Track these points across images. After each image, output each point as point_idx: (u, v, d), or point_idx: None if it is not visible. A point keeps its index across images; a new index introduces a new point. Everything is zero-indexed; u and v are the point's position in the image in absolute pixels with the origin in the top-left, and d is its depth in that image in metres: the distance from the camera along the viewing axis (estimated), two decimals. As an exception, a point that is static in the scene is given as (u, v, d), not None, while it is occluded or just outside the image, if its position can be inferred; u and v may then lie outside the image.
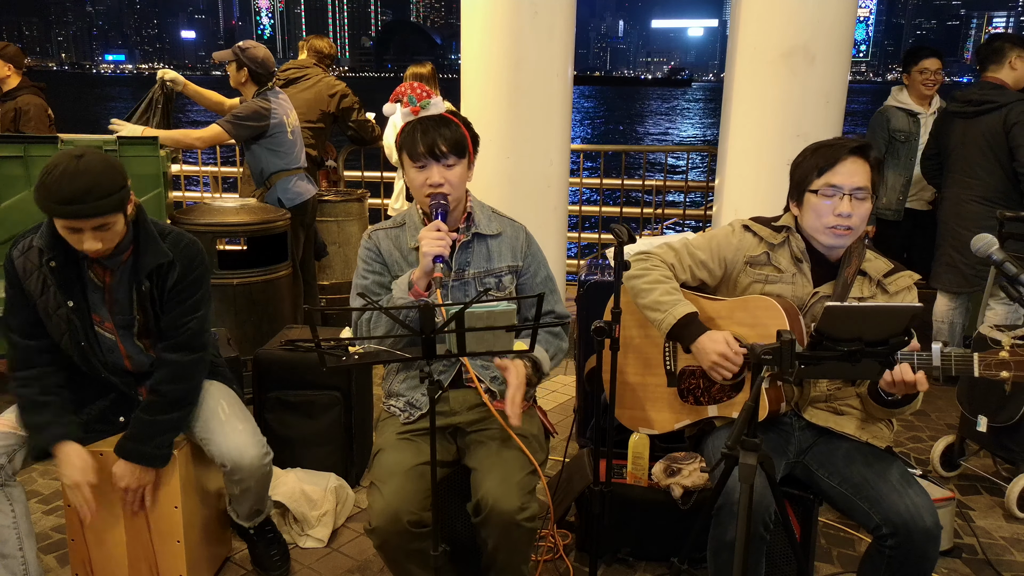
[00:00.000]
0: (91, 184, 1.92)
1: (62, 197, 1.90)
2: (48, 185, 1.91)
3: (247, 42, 4.05)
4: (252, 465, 2.22)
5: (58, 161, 1.94)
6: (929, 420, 3.73)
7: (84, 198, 1.91)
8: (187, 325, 2.16)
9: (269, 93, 3.96)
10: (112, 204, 1.96)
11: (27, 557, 2.10)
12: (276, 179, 4.04)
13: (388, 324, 1.99)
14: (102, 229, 1.99)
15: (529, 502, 1.93)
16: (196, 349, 2.19)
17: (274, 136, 3.96)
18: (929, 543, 1.83)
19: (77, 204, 1.91)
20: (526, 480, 1.96)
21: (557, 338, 2.23)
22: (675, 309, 2.04)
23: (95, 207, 1.93)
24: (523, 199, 4.09)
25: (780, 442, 2.08)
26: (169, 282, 2.14)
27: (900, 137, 4.24)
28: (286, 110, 4.03)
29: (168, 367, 2.16)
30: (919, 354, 1.78)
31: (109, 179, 1.95)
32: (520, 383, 1.99)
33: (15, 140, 3.63)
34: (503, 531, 1.92)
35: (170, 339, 2.17)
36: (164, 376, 2.15)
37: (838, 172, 1.98)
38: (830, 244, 2.03)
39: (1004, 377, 1.73)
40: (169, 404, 2.15)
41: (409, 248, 2.12)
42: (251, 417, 2.33)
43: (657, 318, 2.07)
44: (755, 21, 3.73)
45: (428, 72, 4.80)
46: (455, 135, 2.03)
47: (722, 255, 2.14)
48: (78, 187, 1.90)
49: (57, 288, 2.08)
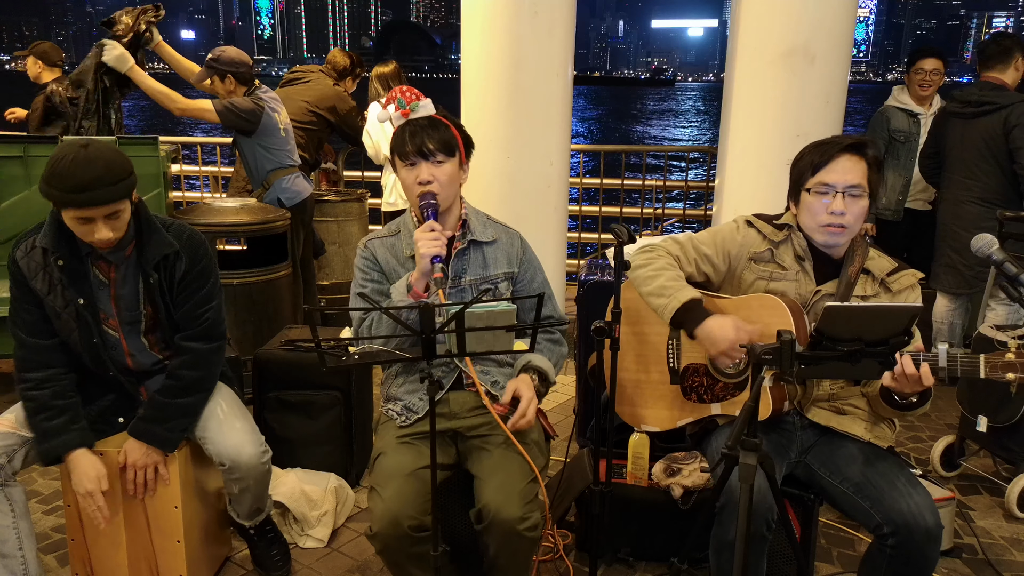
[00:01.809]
0: (103, 171, 1.92)
1: (75, 184, 1.90)
2: (60, 174, 1.90)
3: (215, 51, 3.95)
4: (250, 463, 2.22)
5: (65, 151, 1.93)
6: (929, 420, 3.73)
7: (97, 184, 1.91)
8: (205, 316, 2.19)
9: (259, 91, 3.94)
10: (124, 189, 1.97)
11: (27, 557, 2.10)
12: (274, 178, 4.03)
13: (389, 330, 1.99)
14: (113, 217, 1.99)
15: (531, 511, 1.93)
16: (215, 338, 2.23)
17: (266, 134, 3.94)
18: (930, 543, 1.83)
19: (91, 191, 1.91)
20: (528, 489, 1.96)
21: (557, 344, 2.24)
22: (680, 294, 2.03)
23: (109, 192, 1.93)
24: (523, 199, 4.09)
25: (782, 442, 2.08)
26: (178, 273, 2.14)
27: (900, 137, 4.24)
28: (276, 107, 4.02)
29: (188, 354, 2.19)
30: (925, 354, 1.77)
31: (119, 165, 1.97)
32: (531, 396, 2.02)
33: (15, 140, 3.63)
34: (505, 540, 1.93)
35: (189, 330, 2.19)
36: (183, 362, 2.18)
37: (832, 170, 1.98)
38: (824, 242, 2.03)
39: (1010, 379, 1.72)
40: (185, 388, 2.17)
41: (405, 256, 2.13)
42: (249, 416, 2.33)
43: (661, 303, 2.05)
44: (755, 21, 3.73)
45: (392, 71, 4.81)
46: (443, 134, 2.05)
47: (726, 250, 2.14)
48: (90, 174, 1.90)
49: (67, 286, 2.08)
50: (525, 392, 2.03)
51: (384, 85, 4.77)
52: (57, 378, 2.13)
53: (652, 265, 2.11)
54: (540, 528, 1.97)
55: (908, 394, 1.85)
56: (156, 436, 2.13)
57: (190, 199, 6.30)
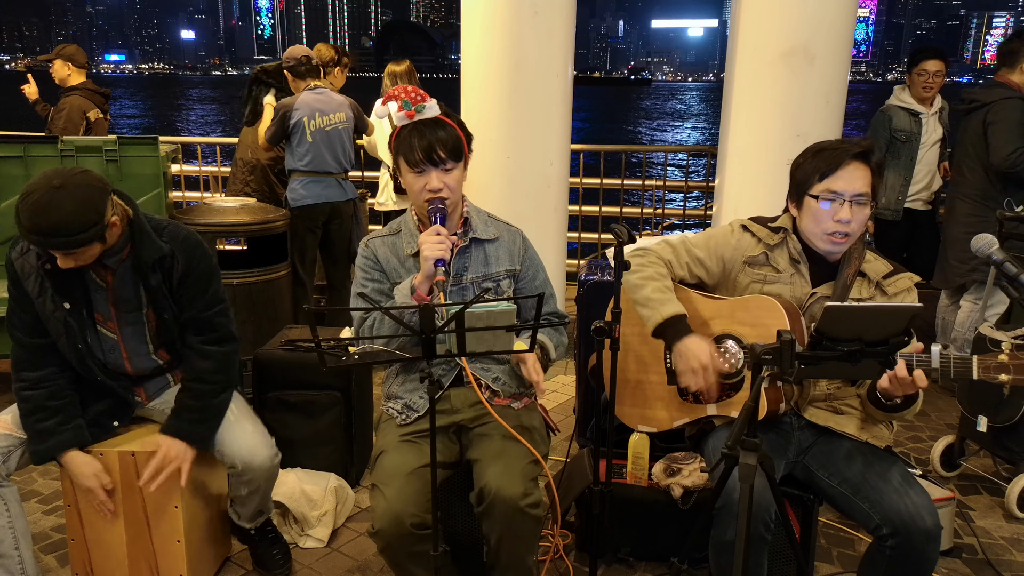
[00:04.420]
0: (61, 222, 1.86)
1: (32, 227, 1.87)
2: (22, 211, 1.87)
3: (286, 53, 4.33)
4: (263, 466, 2.23)
5: (36, 187, 1.88)
6: (929, 420, 3.73)
7: (55, 232, 1.87)
8: (218, 320, 2.22)
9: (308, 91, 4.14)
10: (81, 240, 1.91)
11: (24, 556, 2.10)
12: (292, 177, 4.18)
13: (391, 331, 1.98)
14: (72, 255, 1.96)
15: (532, 489, 1.92)
16: (232, 339, 2.27)
17: (294, 135, 4.11)
18: (929, 543, 1.83)
19: (44, 237, 1.88)
20: (529, 468, 1.96)
21: (558, 332, 2.25)
22: (664, 308, 2.03)
23: (66, 241, 1.89)
24: (523, 199, 4.09)
25: (780, 442, 2.08)
26: (176, 275, 2.14)
27: (901, 137, 4.25)
28: (312, 111, 4.08)
29: (212, 359, 2.21)
30: (919, 356, 1.77)
31: (81, 217, 1.88)
32: (535, 360, 2.04)
33: (15, 140, 3.64)
34: (507, 520, 1.91)
35: (207, 334, 2.21)
36: (210, 367, 2.21)
37: (840, 177, 1.97)
38: (827, 250, 2.03)
39: (1003, 380, 1.72)
40: (219, 389, 2.22)
41: (406, 255, 2.12)
42: (258, 419, 2.34)
43: (645, 314, 2.07)
44: (755, 21, 3.73)
45: (404, 70, 4.83)
46: (452, 139, 2.02)
47: (720, 254, 2.14)
48: (48, 222, 1.86)
49: (53, 290, 2.08)
50: (528, 359, 2.03)
51: (395, 84, 4.78)
52: (52, 377, 2.13)
53: (641, 273, 2.11)
54: (543, 507, 1.95)
55: (896, 396, 1.85)
56: (198, 435, 2.17)
57: (190, 199, 6.30)
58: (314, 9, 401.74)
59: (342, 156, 4.23)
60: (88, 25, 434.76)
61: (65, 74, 4.78)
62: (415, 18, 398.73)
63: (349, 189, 4.31)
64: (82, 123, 4.67)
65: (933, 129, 4.27)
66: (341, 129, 4.20)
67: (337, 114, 4.18)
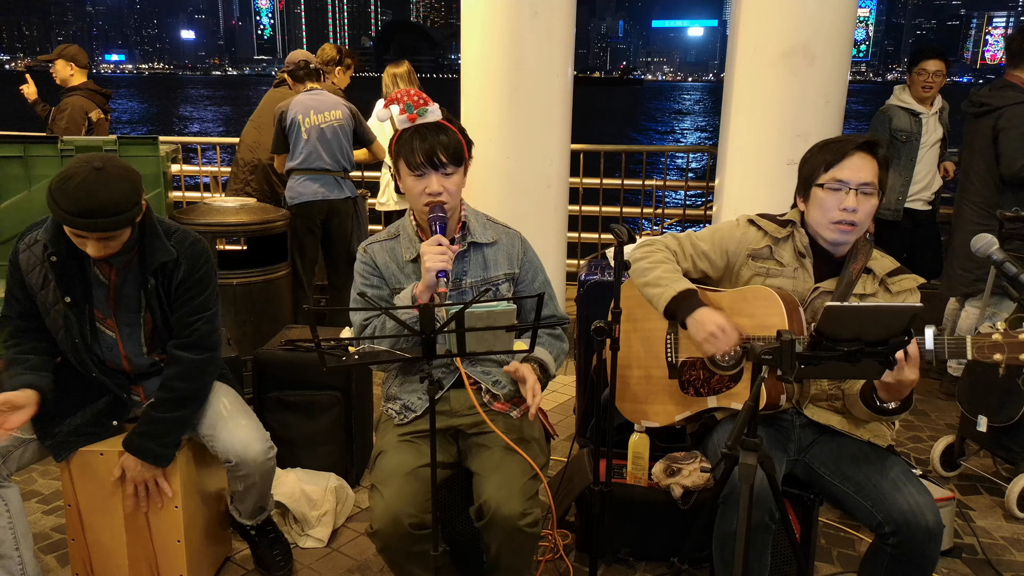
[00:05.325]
0: (108, 200, 1.90)
1: (77, 209, 1.88)
2: (66, 192, 1.88)
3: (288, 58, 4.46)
4: (257, 460, 2.22)
5: (77, 170, 1.90)
6: (929, 420, 3.73)
7: (99, 213, 1.89)
8: (197, 325, 2.17)
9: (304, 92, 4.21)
10: (124, 220, 1.95)
11: (24, 557, 2.10)
12: (290, 176, 4.20)
13: (390, 340, 1.98)
14: (108, 239, 1.98)
15: (531, 507, 1.93)
16: (208, 348, 2.20)
17: (290, 135, 4.15)
18: (930, 542, 1.83)
19: (91, 218, 1.90)
20: (528, 485, 1.96)
21: (558, 340, 2.24)
22: (675, 284, 2.05)
23: (109, 222, 1.92)
24: (523, 199, 4.09)
25: (780, 438, 2.09)
26: (175, 280, 2.13)
27: (902, 136, 4.24)
28: (306, 109, 4.10)
29: (180, 364, 2.16)
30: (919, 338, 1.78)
31: (127, 196, 1.94)
32: (535, 380, 2.04)
33: (15, 140, 3.64)
34: (506, 536, 1.93)
35: (182, 338, 2.17)
36: (175, 373, 2.16)
37: (845, 167, 1.98)
38: (833, 240, 2.03)
39: (997, 360, 1.72)
40: (178, 401, 2.15)
41: (405, 260, 2.12)
42: (253, 413, 2.34)
43: (656, 293, 2.07)
44: (755, 21, 3.73)
45: (404, 71, 4.84)
46: (453, 143, 2.02)
47: (724, 247, 2.15)
48: (95, 202, 1.88)
49: (56, 283, 2.08)
50: (528, 376, 2.03)
51: (395, 85, 4.78)
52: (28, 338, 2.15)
53: (650, 258, 2.14)
54: (541, 524, 1.97)
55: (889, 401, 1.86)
56: (150, 452, 2.12)
57: (190, 199, 6.30)
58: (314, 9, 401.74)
59: (339, 154, 4.22)
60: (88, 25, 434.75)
61: (67, 74, 4.79)
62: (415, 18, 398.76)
63: (348, 187, 4.30)
64: (84, 123, 4.68)
65: (933, 129, 4.26)
66: (337, 127, 4.19)
67: (333, 112, 4.17)
